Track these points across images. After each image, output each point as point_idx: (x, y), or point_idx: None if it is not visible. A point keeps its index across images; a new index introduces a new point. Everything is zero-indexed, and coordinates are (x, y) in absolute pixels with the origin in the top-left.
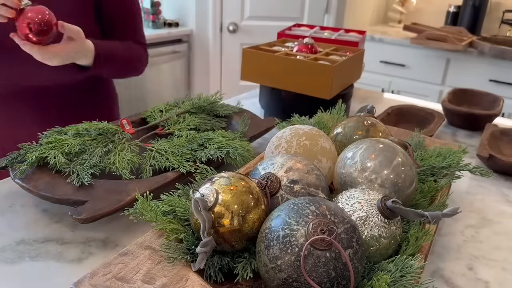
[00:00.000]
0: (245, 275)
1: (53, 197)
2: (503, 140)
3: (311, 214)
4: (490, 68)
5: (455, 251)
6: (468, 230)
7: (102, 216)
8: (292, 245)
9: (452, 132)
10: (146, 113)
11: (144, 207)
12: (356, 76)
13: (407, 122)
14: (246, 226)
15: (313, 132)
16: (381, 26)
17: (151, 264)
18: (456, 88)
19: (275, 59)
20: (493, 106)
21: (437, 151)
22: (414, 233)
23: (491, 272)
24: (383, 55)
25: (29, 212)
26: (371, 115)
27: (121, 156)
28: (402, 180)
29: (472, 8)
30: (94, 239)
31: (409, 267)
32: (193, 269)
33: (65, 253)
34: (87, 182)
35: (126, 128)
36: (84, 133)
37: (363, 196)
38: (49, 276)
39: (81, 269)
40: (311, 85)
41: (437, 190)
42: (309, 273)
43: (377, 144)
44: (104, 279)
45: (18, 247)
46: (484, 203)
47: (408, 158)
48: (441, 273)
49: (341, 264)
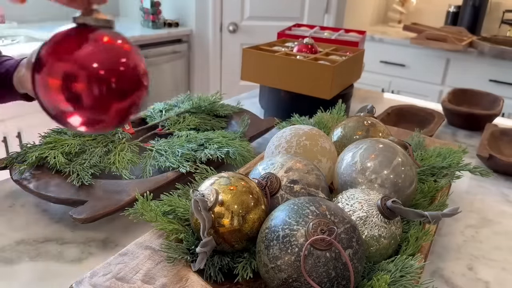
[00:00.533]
0: (245, 275)
1: (53, 197)
2: (503, 140)
3: (311, 214)
4: (490, 68)
5: (455, 251)
6: (468, 230)
7: (102, 216)
8: (292, 245)
9: (452, 132)
10: (146, 113)
11: (144, 207)
12: (356, 76)
13: (407, 122)
14: (246, 226)
15: (313, 132)
16: (381, 26)
17: (151, 264)
18: (456, 88)
19: (275, 59)
20: (493, 106)
21: (437, 151)
22: (414, 233)
23: (491, 272)
24: (383, 55)
25: (29, 212)
26: (371, 115)
27: (121, 156)
28: (402, 180)
29: (472, 8)
30: (94, 239)
31: (409, 267)
32: (193, 269)
33: (65, 253)
34: (87, 182)
35: (126, 128)
36: (83, 133)
37: (363, 196)
38: (49, 276)
39: (81, 269)
40: (311, 85)
41: (437, 190)
42: (309, 273)
43: (377, 144)
44: (104, 279)
45: (18, 247)
46: (484, 203)
47: (408, 158)
48: (441, 273)
49: (341, 264)
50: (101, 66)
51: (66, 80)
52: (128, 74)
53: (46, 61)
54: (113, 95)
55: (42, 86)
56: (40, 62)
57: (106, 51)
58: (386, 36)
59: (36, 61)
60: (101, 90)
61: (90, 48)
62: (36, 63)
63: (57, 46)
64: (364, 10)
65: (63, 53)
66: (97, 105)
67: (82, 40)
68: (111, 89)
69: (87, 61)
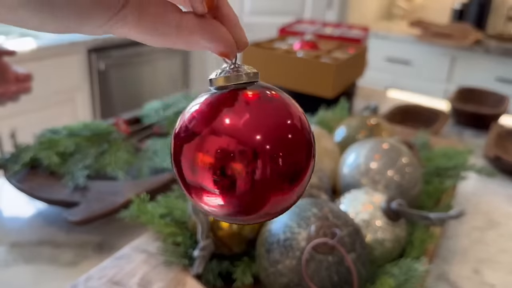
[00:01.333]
0: (244, 280)
1: (47, 198)
2: (509, 140)
3: (313, 216)
4: (497, 66)
5: (460, 254)
6: (474, 232)
7: (98, 217)
8: (293, 248)
9: (458, 132)
10: (142, 112)
11: (140, 209)
12: (359, 73)
13: (411, 121)
14: (246, 229)
15: (315, 132)
16: (385, 23)
17: (147, 268)
18: (462, 87)
19: (276, 57)
20: (500, 105)
21: (443, 152)
22: (419, 236)
23: (497, 276)
24: (387, 52)
25: (23, 214)
26: (375, 114)
27: (116, 157)
28: (407, 181)
29: (477, 5)
30: (89, 242)
31: (414, 270)
32: (191, 273)
33: (60, 256)
34: (82, 184)
35: (121, 127)
36: (78, 133)
37: (366, 197)
38: (43, 279)
39: (76, 273)
40: (313, 84)
41: (442, 192)
42: (311, 277)
43: (381, 144)
44: (99, 283)
45: (12, 250)
46: (490, 205)
47: (413, 159)
48: (446, 276)
49: (344, 268)
50: (266, 137)
51: (221, 158)
52: (299, 142)
53: (194, 134)
54: (281, 177)
55: (188, 159)
56: (186, 135)
57: (267, 116)
58: (390, 32)
59: (180, 134)
60: (264, 172)
61: (248, 116)
62: (180, 136)
63: (206, 118)
64: (367, 6)
65: (216, 126)
66: (255, 192)
67: (235, 106)
68: (278, 168)
69: (248, 133)
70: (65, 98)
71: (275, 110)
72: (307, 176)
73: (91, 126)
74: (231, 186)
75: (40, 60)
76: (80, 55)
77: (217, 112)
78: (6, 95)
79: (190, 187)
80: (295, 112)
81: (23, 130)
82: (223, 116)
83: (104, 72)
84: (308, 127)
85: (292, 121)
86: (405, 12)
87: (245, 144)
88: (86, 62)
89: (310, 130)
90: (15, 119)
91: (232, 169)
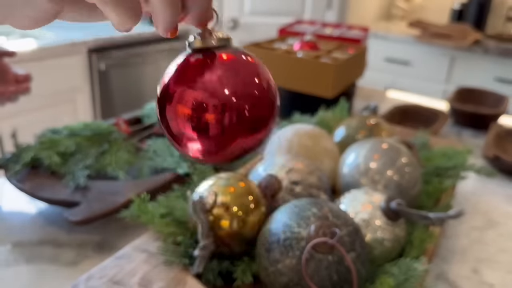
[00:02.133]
0: (244, 279)
1: (48, 198)
2: (509, 140)
3: (313, 216)
4: (496, 66)
5: (460, 254)
6: (473, 232)
7: (98, 217)
8: (293, 248)
9: (458, 132)
10: (143, 112)
11: (140, 209)
12: (359, 74)
13: (411, 121)
14: (246, 228)
15: (315, 132)
16: (384, 23)
17: (148, 268)
18: (461, 87)
19: (275, 57)
20: (499, 105)
21: (442, 151)
22: (418, 235)
23: (496, 275)
24: (387, 53)
25: (24, 214)
26: (374, 114)
27: (117, 157)
28: (406, 181)
29: (477, 5)
30: (90, 242)
31: (413, 270)
32: (191, 273)
33: (61, 256)
34: (83, 183)
35: (122, 127)
36: (79, 133)
37: (366, 197)
38: (44, 279)
39: (76, 272)
40: (312, 84)
41: (441, 191)
42: (311, 277)
43: (381, 144)
44: (100, 282)
45: (13, 250)
46: (489, 204)
47: (413, 159)
48: (445, 276)
49: (343, 267)
50: (234, 92)
51: (196, 109)
52: (263, 98)
53: (174, 90)
54: (246, 125)
55: (171, 115)
56: (167, 92)
57: (236, 74)
58: (390, 33)
59: (162, 92)
60: (231, 120)
61: (219, 73)
62: (163, 94)
63: (183, 75)
64: (367, 6)
65: (191, 82)
66: (226, 136)
67: (208, 65)
68: (244, 118)
69: (218, 88)
70: (65, 98)
71: (244, 69)
72: (269, 127)
73: (91, 126)
74: (205, 131)
75: (41, 60)
76: (80, 56)
77: (193, 70)
78: (5, 95)
79: (175, 137)
80: (263, 74)
81: (24, 130)
82: (198, 73)
83: (105, 72)
84: (274, 90)
85: (259, 81)
86: (405, 12)
87: (216, 97)
88: (87, 63)
89: (276, 92)
90: (16, 119)
91: (206, 118)
